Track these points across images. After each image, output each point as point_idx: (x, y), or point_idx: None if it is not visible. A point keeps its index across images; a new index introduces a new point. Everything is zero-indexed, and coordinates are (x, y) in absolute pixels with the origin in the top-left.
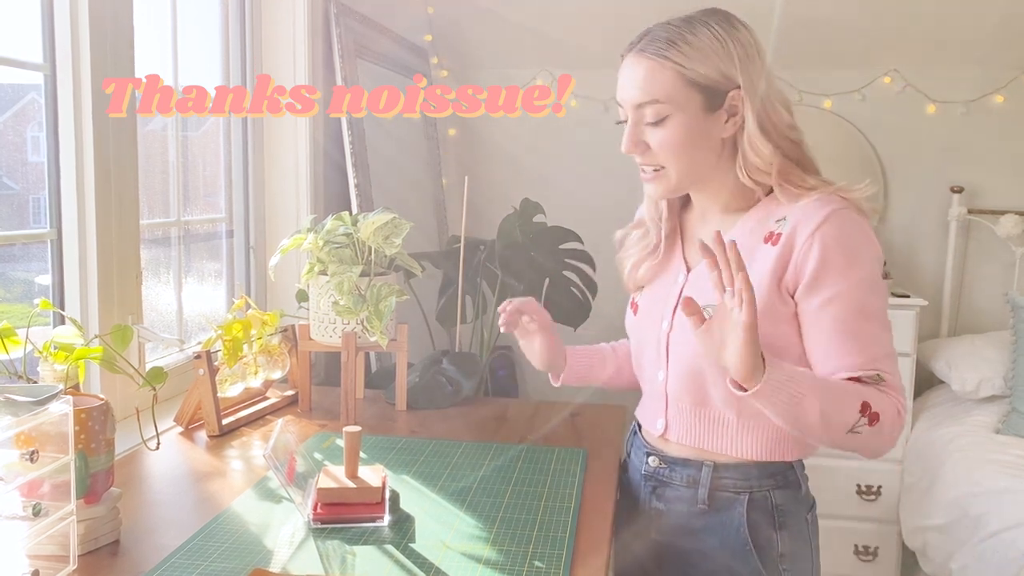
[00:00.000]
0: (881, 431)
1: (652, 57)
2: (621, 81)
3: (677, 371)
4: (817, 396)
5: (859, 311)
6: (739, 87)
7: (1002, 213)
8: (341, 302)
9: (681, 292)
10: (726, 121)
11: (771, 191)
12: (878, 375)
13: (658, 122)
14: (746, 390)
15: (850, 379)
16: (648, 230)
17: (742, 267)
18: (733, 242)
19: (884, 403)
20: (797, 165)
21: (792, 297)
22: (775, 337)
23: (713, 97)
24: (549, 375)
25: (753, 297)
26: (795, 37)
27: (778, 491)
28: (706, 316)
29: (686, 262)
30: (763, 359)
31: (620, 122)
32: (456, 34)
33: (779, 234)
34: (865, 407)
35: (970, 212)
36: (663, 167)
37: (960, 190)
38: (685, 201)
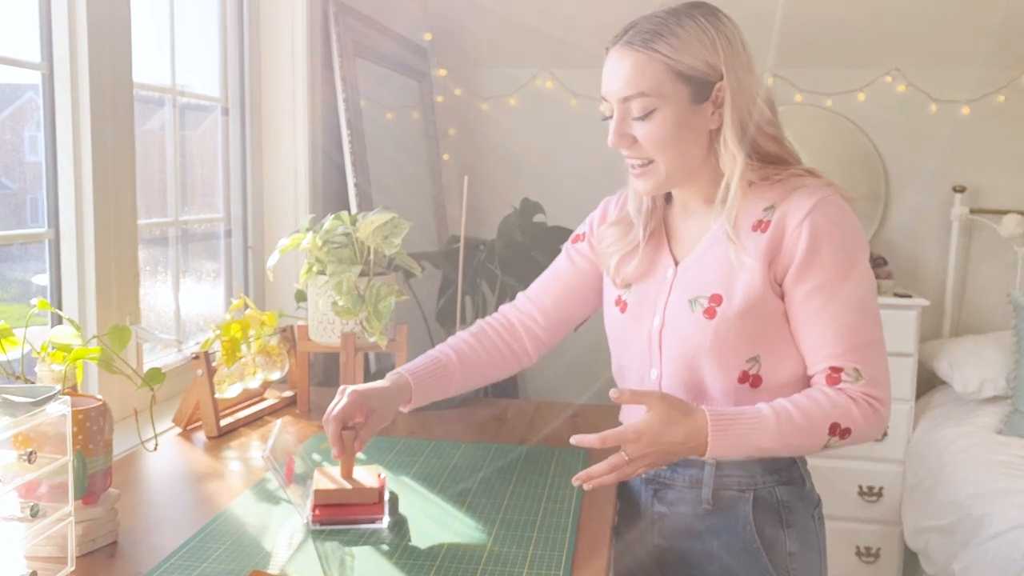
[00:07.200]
0: (857, 437)
1: (639, 49)
2: (607, 75)
3: (671, 367)
4: (773, 439)
5: (846, 300)
6: (724, 78)
7: (1004, 213)
8: (340, 302)
9: (671, 287)
10: (712, 113)
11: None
12: (857, 371)
13: (645, 116)
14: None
15: (832, 370)
16: (629, 226)
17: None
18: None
19: (853, 415)
20: (774, 160)
21: (780, 285)
22: (769, 344)
23: (700, 89)
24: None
25: (637, 470)
26: (797, 36)
27: (783, 487)
28: (700, 307)
29: (673, 257)
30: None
31: (606, 118)
32: (456, 33)
33: (768, 221)
34: (834, 428)
35: (972, 212)
36: (652, 160)
37: (962, 190)
38: (666, 196)
